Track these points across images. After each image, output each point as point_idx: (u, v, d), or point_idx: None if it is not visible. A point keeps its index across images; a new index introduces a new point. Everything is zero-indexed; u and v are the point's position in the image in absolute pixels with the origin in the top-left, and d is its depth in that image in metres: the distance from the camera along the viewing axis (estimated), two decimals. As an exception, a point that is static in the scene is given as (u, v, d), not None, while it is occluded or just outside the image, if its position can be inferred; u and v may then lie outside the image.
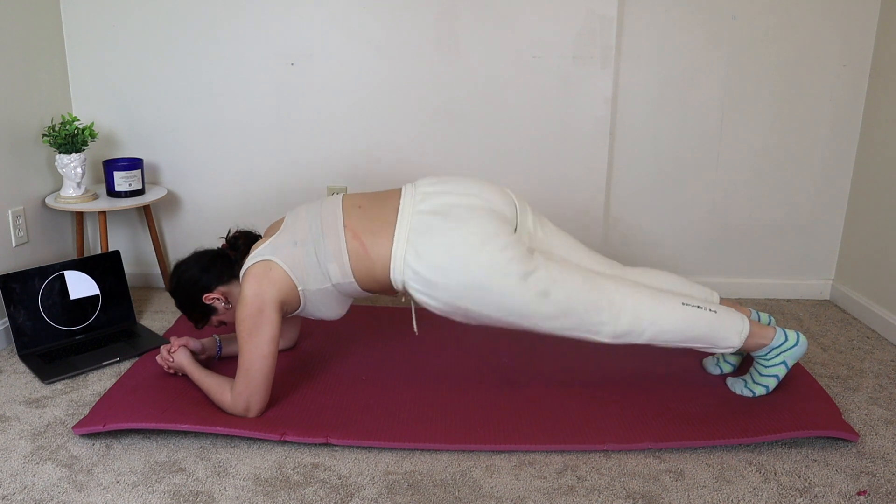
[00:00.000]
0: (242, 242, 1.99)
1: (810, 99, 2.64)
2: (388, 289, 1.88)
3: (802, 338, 1.92)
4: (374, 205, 1.89)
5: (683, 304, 1.86)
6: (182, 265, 1.98)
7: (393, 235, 1.81)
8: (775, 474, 1.69)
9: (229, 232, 2.05)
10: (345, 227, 1.85)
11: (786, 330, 1.93)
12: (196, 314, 1.98)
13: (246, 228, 2.07)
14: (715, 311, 1.87)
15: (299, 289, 1.85)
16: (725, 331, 1.87)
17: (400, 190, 1.91)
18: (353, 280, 1.85)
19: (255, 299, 1.79)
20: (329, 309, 1.94)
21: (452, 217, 1.80)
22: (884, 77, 2.53)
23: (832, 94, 2.63)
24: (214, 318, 1.99)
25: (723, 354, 2.10)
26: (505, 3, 2.54)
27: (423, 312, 2.52)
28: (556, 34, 2.56)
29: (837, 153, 2.70)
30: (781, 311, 2.72)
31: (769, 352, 1.92)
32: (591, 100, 2.62)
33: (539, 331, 1.85)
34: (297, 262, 1.84)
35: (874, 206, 2.57)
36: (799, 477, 1.68)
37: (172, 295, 1.99)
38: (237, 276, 1.94)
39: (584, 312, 1.81)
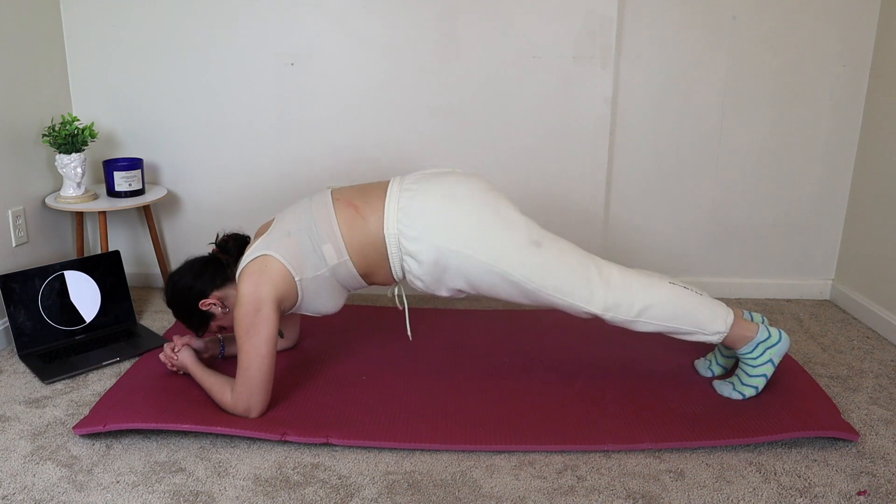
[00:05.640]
0: (233, 245, 1.99)
1: (810, 99, 2.64)
2: (381, 264, 1.88)
3: (784, 335, 1.93)
4: (364, 186, 1.95)
5: (671, 282, 1.91)
6: (175, 275, 1.98)
7: (385, 194, 1.86)
8: (775, 474, 1.69)
9: (218, 236, 2.04)
10: (335, 200, 1.89)
11: (769, 327, 1.93)
12: (195, 322, 1.98)
13: (234, 231, 2.06)
14: (700, 294, 1.91)
15: (296, 279, 1.85)
16: (712, 312, 1.88)
17: (388, 181, 1.95)
18: (348, 258, 1.86)
19: (251, 298, 1.79)
20: (326, 300, 1.94)
21: (442, 178, 1.89)
22: (884, 77, 2.53)
23: (832, 94, 2.63)
24: (214, 324, 1.99)
25: (714, 357, 2.10)
26: (505, 4, 2.54)
27: (420, 316, 2.53)
28: (556, 34, 2.56)
29: (837, 153, 2.70)
30: (781, 311, 2.72)
31: (755, 348, 1.91)
32: (591, 100, 2.62)
33: (530, 291, 1.83)
34: (292, 251, 1.85)
35: (874, 206, 2.57)
36: (799, 477, 1.68)
37: (169, 306, 1.99)
38: (232, 279, 1.94)
39: (576, 275, 1.82)
